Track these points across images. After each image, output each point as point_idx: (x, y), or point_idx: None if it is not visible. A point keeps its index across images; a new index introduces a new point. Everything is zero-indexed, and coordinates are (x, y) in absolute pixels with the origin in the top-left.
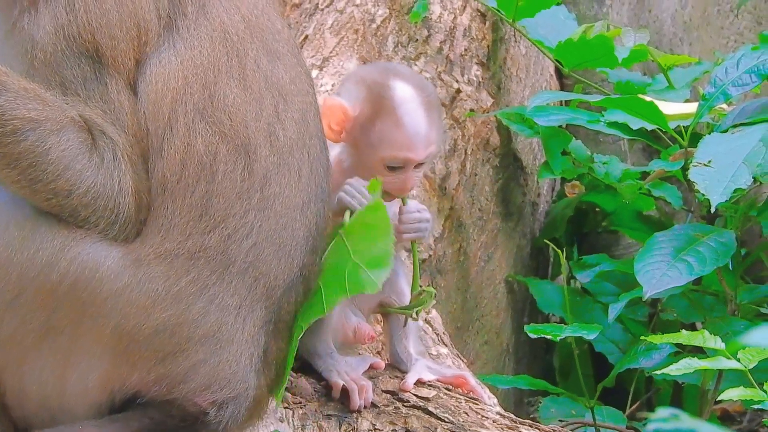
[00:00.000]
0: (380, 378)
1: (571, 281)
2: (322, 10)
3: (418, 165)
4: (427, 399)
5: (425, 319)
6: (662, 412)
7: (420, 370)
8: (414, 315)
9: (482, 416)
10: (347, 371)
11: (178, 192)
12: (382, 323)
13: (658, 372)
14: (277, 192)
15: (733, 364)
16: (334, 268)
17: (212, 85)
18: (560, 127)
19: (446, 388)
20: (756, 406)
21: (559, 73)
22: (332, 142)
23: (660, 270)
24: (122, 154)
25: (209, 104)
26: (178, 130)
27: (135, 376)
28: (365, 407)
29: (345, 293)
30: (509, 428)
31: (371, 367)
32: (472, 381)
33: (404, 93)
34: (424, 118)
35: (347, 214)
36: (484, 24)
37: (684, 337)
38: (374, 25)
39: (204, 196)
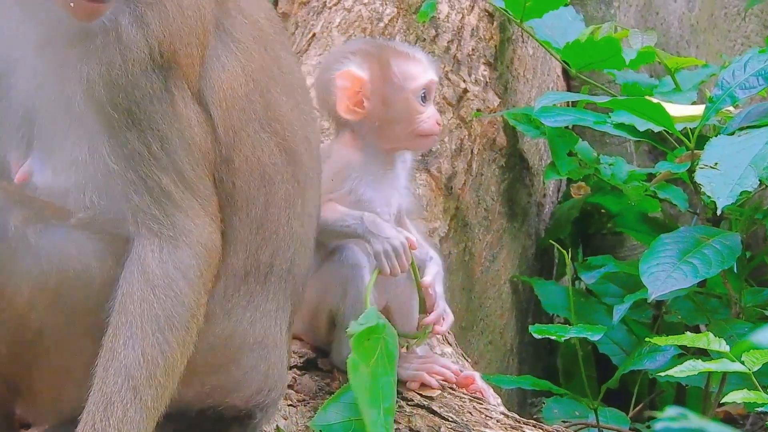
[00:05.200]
0: None
1: (576, 282)
2: (330, 8)
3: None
4: (431, 398)
5: None
6: (670, 411)
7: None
8: (413, 343)
9: (486, 416)
10: (405, 363)
11: (242, 204)
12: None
13: (662, 374)
14: (311, 196)
15: (737, 366)
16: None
17: (266, 90)
18: (567, 128)
19: (450, 387)
20: (759, 409)
21: (566, 74)
22: (353, 120)
23: (665, 272)
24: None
25: (267, 111)
26: (244, 139)
27: (191, 392)
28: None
29: None
30: (513, 428)
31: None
32: (480, 381)
33: (391, 42)
34: (414, 48)
35: (376, 272)
36: (492, 24)
37: (688, 339)
38: (382, 24)
39: (262, 208)
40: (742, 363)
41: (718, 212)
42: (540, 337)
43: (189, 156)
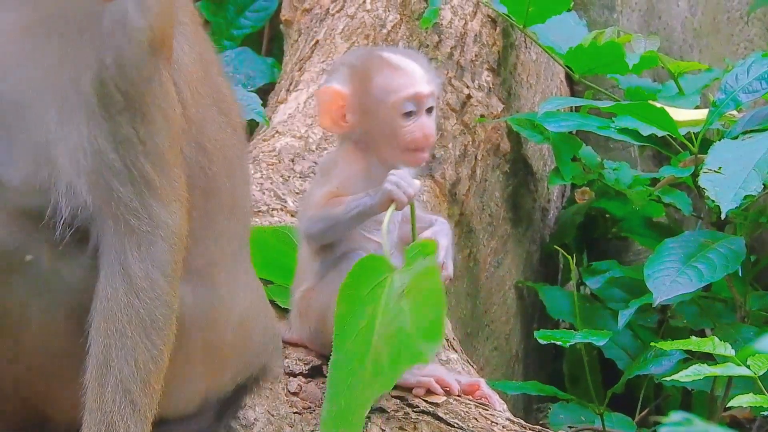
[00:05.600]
0: None
1: (581, 287)
2: (333, 15)
3: (429, 109)
4: (436, 404)
5: None
6: (675, 415)
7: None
8: None
9: (492, 422)
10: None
11: (215, 191)
12: None
13: (668, 378)
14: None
15: (742, 370)
16: (391, 336)
17: (210, 73)
18: (570, 133)
19: (456, 394)
20: (765, 413)
21: (569, 79)
22: (339, 134)
23: (670, 276)
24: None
25: (216, 93)
26: (209, 120)
27: (227, 376)
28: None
29: (403, 365)
30: None
31: None
32: (486, 387)
33: (386, 51)
34: (413, 58)
35: (391, 208)
36: (495, 30)
37: (694, 343)
38: (385, 30)
39: (231, 189)
40: (748, 367)
41: (723, 216)
42: (545, 342)
43: (168, 137)
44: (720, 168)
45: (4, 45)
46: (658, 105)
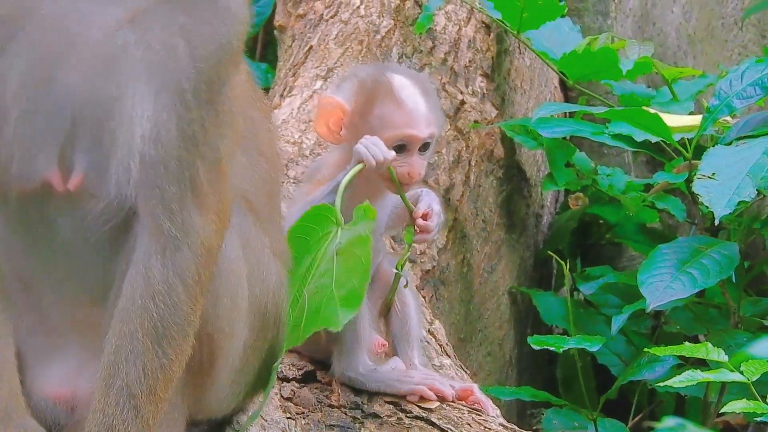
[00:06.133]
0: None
1: (575, 293)
2: (327, 20)
3: (423, 148)
4: (429, 410)
5: (428, 330)
6: (669, 421)
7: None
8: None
9: (485, 427)
10: (406, 377)
11: (276, 195)
12: (384, 333)
13: (661, 384)
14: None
15: (736, 376)
16: (317, 291)
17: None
18: (564, 138)
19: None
20: (758, 419)
21: (563, 84)
22: (332, 143)
23: (664, 282)
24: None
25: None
26: (254, 133)
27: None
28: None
29: (316, 327)
30: None
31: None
32: (479, 393)
33: (399, 79)
34: (421, 97)
35: (358, 166)
36: (489, 35)
37: (687, 349)
38: (379, 36)
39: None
40: (741, 373)
41: (716, 222)
42: (539, 348)
43: (228, 145)
44: (714, 174)
45: (108, 38)
46: (652, 111)
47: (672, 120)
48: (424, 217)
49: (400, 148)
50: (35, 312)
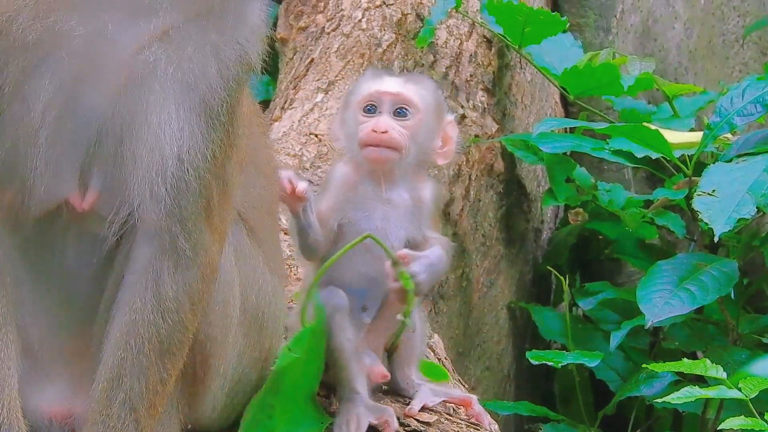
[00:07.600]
0: (382, 403)
1: (573, 308)
2: (329, 33)
3: (398, 114)
4: (428, 424)
5: (427, 345)
6: None
7: (425, 395)
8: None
9: None
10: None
11: (262, 202)
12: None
13: (659, 400)
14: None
15: (734, 393)
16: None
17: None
18: (564, 154)
19: (447, 414)
20: None
21: (564, 100)
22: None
23: (662, 298)
24: None
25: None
26: (257, 152)
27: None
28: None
29: None
30: None
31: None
32: (477, 405)
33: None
34: (391, 71)
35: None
36: (490, 50)
37: (685, 365)
38: (380, 50)
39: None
40: (739, 390)
41: (716, 239)
42: (537, 363)
43: (231, 166)
44: (714, 191)
45: (135, 56)
46: (653, 127)
47: (672, 136)
48: (403, 258)
49: (368, 112)
50: (31, 333)
